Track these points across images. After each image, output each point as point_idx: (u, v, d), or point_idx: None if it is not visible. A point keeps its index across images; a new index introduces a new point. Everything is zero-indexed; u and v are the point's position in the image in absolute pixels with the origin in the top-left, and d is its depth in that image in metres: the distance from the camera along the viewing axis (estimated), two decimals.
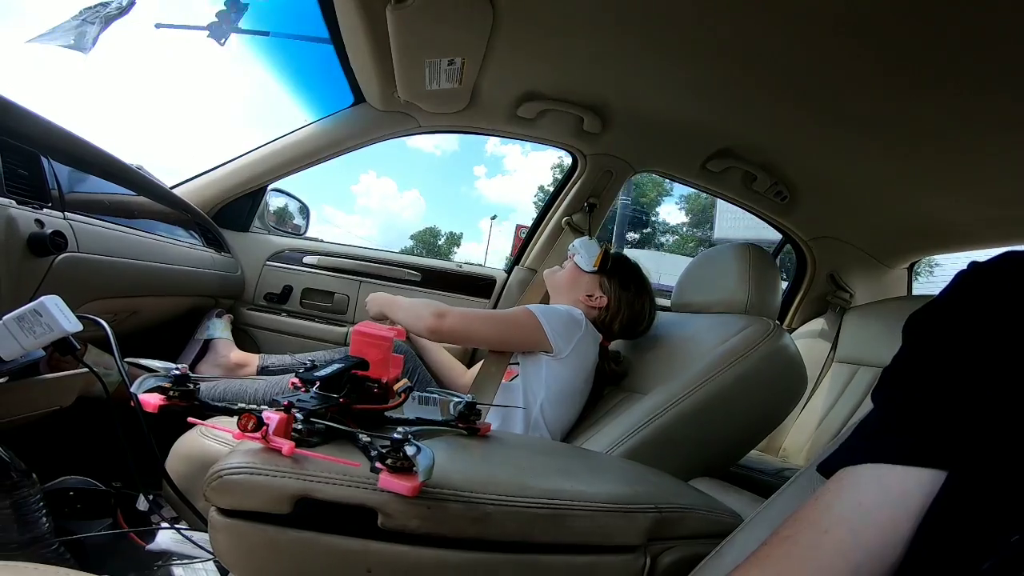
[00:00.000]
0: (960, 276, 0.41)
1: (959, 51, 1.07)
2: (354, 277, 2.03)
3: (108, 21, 1.08)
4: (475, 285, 2.10)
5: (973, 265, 0.41)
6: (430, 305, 1.44)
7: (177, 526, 0.98)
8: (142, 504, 1.02)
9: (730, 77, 1.38)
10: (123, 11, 1.08)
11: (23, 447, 0.89)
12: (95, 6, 1.09)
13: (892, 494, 0.37)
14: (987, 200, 1.73)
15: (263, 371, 1.65)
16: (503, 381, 1.44)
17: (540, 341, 1.37)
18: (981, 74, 1.12)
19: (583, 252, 1.61)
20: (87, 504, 1.00)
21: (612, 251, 1.62)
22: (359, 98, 1.86)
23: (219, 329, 1.72)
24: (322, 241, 2.22)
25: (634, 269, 1.62)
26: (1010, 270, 0.39)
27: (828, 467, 0.43)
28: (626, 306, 1.54)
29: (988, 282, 0.39)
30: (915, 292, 2.53)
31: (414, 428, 0.62)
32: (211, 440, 0.95)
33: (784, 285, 2.44)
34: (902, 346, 0.43)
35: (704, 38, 1.24)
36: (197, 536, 0.96)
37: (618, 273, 1.58)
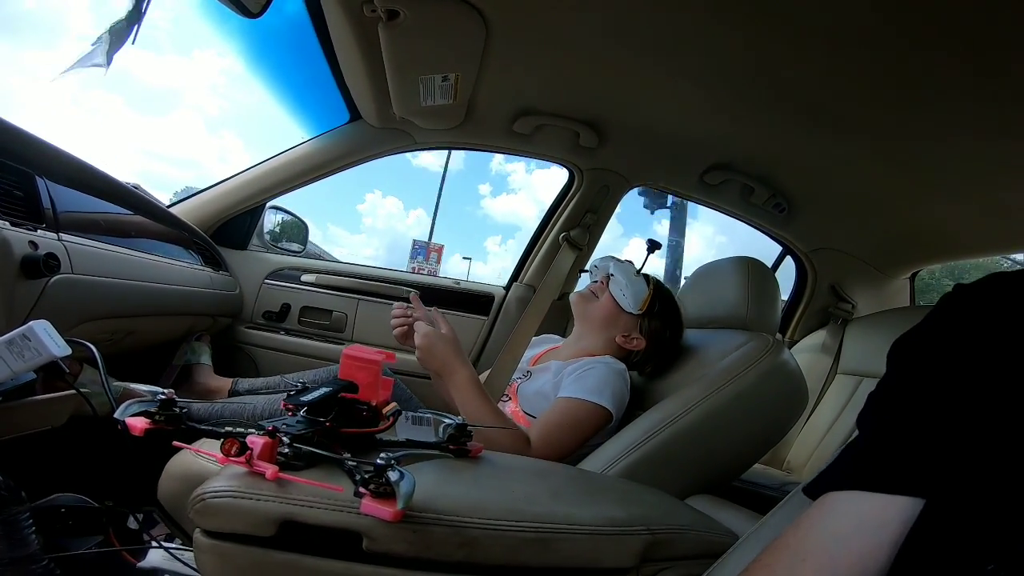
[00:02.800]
0: (944, 300, 0.41)
1: (956, 60, 1.07)
2: (352, 295, 2.03)
3: (118, 40, 1.09)
4: (474, 302, 2.10)
5: (958, 288, 0.41)
6: (511, 451, 1.12)
7: (167, 544, 0.98)
8: (133, 523, 1.02)
9: (726, 90, 1.39)
10: (128, 33, 1.09)
11: (16, 465, 0.89)
12: (110, 27, 1.11)
13: (870, 522, 0.37)
14: (986, 209, 1.72)
15: (234, 394, 1.65)
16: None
17: (606, 420, 1.27)
18: (979, 83, 1.12)
19: (627, 290, 1.44)
20: (79, 521, 1.00)
21: (657, 287, 1.48)
22: (355, 115, 1.88)
23: (199, 354, 1.72)
24: (320, 259, 2.22)
25: (676, 309, 1.48)
26: (994, 294, 0.38)
27: (813, 490, 0.42)
28: (665, 350, 1.44)
29: (971, 307, 0.39)
30: None
31: (400, 453, 0.61)
32: (204, 459, 0.95)
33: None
34: (886, 371, 0.42)
35: (699, 52, 1.24)
36: (188, 555, 0.95)
37: (661, 315, 1.45)
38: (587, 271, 1.65)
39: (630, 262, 1.53)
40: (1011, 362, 0.35)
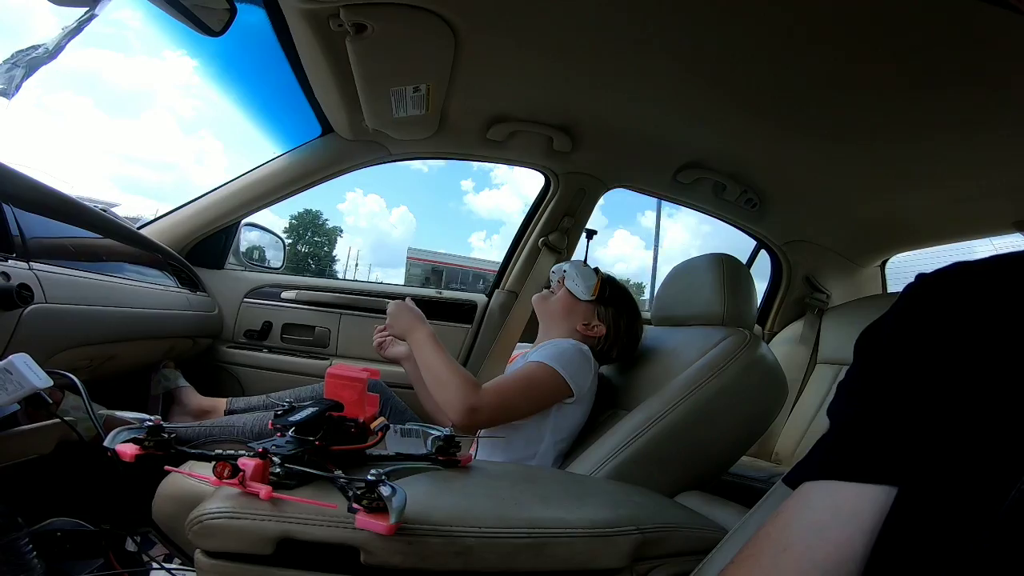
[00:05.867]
0: (908, 289, 0.41)
1: (917, 54, 1.10)
2: (334, 310, 2.02)
3: (33, 66, 1.06)
4: (457, 311, 2.10)
5: (920, 277, 0.41)
6: (461, 392, 1.20)
7: (168, 565, 0.97)
8: (130, 545, 1.01)
9: (694, 90, 1.41)
10: (50, 55, 1.06)
11: (9, 492, 0.88)
12: (26, 49, 1.07)
13: (845, 511, 0.37)
14: (949, 198, 1.77)
15: (230, 414, 1.63)
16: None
17: (563, 391, 1.29)
18: (938, 76, 1.16)
19: (578, 280, 1.53)
20: (77, 545, 0.99)
21: (606, 276, 1.57)
22: (327, 128, 1.86)
23: (174, 379, 1.70)
24: (299, 275, 2.21)
25: (627, 293, 1.56)
26: (957, 281, 0.39)
27: (791, 481, 0.43)
28: (625, 333, 1.50)
29: (935, 295, 0.39)
30: None
31: (390, 467, 0.62)
32: (196, 480, 0.94)
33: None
34: (854, 362, 0.43)
35: (667, 53, 1.26)
36: (190, 575, 0.95)
37: (614, 300, 1.52)
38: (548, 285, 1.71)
39: (579, 260, 1.62)
40: (975, 347, 0.35)
